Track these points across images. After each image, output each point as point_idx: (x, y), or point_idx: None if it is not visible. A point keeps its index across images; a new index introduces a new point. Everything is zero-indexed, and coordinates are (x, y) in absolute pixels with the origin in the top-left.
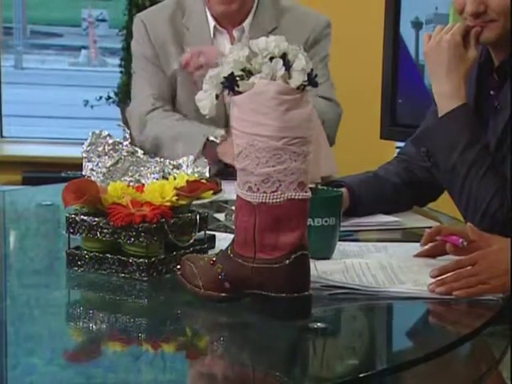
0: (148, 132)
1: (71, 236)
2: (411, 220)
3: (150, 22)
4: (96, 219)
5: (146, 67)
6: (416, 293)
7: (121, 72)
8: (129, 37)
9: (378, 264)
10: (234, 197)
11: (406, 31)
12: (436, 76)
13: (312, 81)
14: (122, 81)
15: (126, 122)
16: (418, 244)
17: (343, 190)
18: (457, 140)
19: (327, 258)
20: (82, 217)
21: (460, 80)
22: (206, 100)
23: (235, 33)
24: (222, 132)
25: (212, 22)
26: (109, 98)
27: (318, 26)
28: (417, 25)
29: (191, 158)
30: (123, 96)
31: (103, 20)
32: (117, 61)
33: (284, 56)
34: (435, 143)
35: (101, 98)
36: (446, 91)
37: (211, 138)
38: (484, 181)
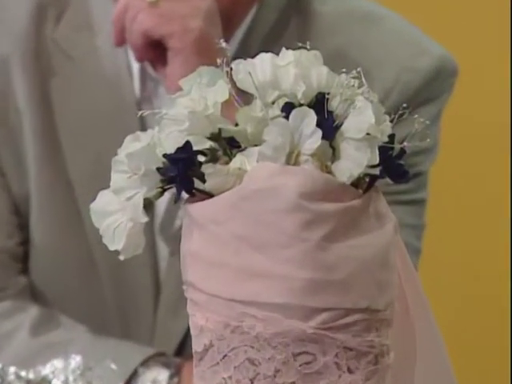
0: None
1: None
2: None
3: None
4: None
5: None
6: None
7: None
8: None
9: None
10: None
11: None
12: None
13: (394, 167)
14: None
15: None
16: None
17: None
18: None
19: None
20: None
21: None
22: (118, 214)
23: None
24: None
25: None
26: None
27: (417, 72)
28: None
29: (76, 360)
30: None
31: None
32: None
33: (321, 101)
34: None
35: None
36: None
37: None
38: None
